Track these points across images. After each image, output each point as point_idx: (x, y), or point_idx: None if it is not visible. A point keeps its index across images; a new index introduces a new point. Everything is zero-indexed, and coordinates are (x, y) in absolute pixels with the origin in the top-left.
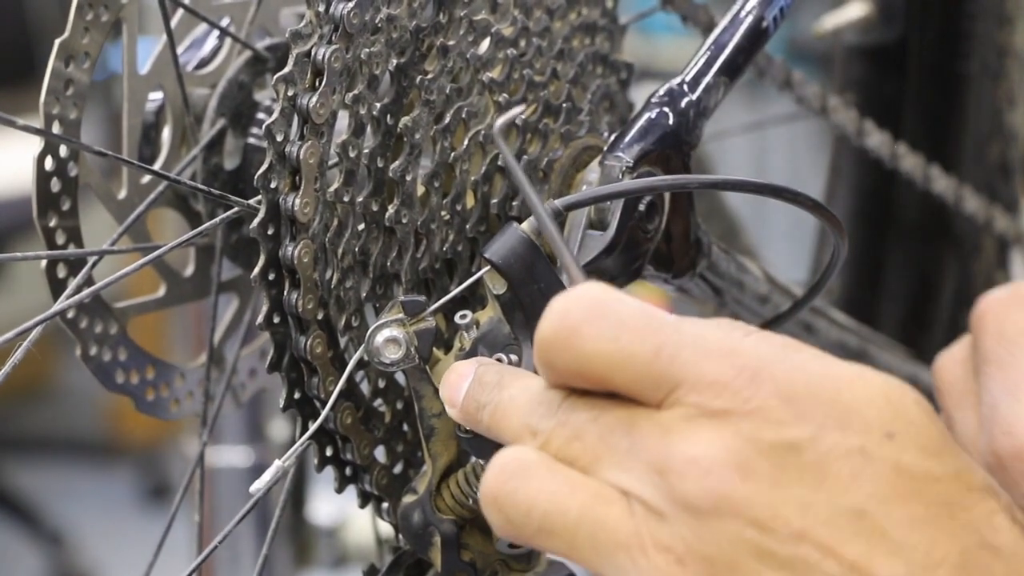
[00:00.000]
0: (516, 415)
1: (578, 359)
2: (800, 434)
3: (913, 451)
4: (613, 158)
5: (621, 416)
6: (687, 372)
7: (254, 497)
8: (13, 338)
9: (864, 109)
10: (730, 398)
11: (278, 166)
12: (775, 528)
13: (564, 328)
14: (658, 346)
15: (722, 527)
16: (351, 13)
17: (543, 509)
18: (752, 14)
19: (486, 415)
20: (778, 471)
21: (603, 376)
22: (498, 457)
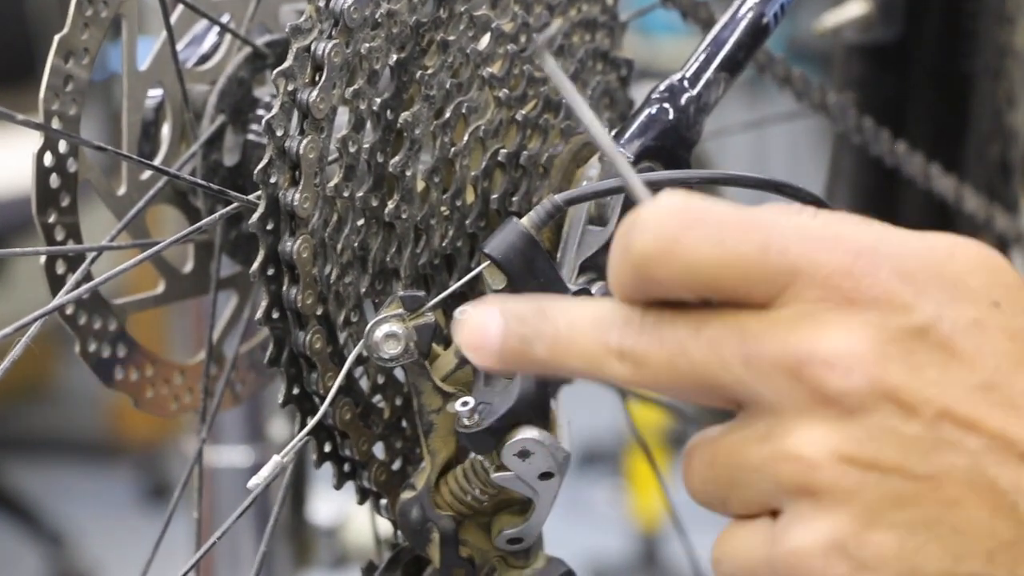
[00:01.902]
0: (587, 339)
1: (685, 268)
2: (922, 316)
3: (1020, 315)
4: None
5: (728, 322)
6: (801, 264)
7: (252, 493)
8: (12, 333)
9: (864, 108)
10: (852, 287)
11: (278, 161)
12: (921, 412)
13: (663, 239)
14: (764, 242)
15: (872, 421)
16: (351, 8)
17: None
18: (752, 10)
19: (542, 348)
20: (912, 356)
21: (711, 282)
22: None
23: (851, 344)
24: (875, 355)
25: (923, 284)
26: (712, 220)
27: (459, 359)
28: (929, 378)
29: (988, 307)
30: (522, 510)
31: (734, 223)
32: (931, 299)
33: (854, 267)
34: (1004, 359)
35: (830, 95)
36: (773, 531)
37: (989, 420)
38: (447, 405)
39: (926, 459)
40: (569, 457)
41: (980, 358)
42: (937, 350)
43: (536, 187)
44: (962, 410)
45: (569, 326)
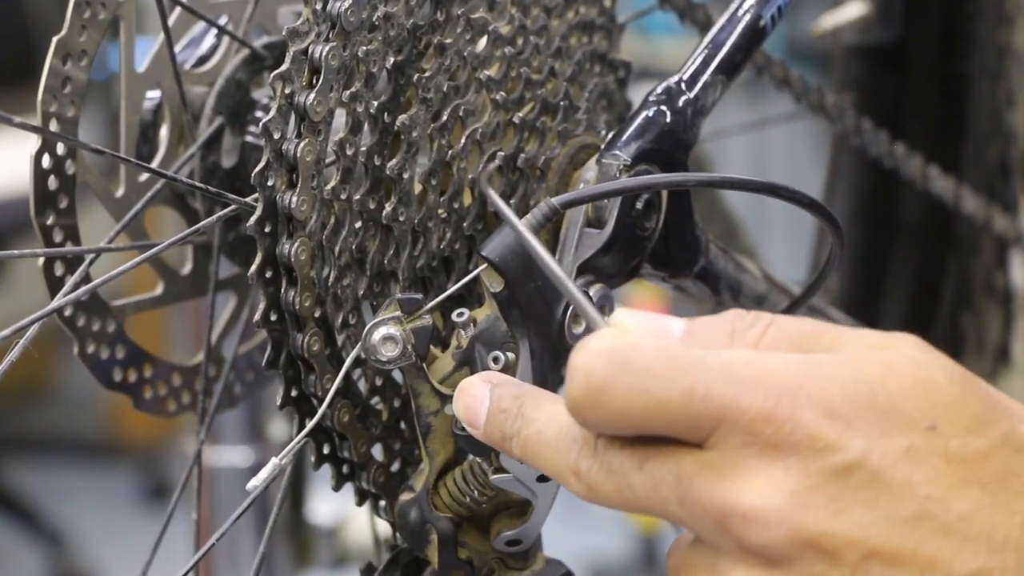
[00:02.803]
0: (551, 451)
1: (612, 416)
2: (849, 454)
3: (957, 436)
4: (611, 156)
5: (665, 460)
6: (724, 410)
7: (251, 495)
8: (10, 335)
9: (863, 109)
10: (774, 432)
11: (275, 164)
12: (845, 556)
13: (591, 389)
14: (689, 387)
15: (796, 570)
16: (348, 11)
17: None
18: (750, 13)
19: (516, 447)
20: (836, 499)
21: (640, 428)
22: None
23: (769, 496)
24: (794, 505)
25: (851, 419)
26: (638, 365)
27: (457, 361)
28: (854, 519)
29: (923, 432)
30: (521, 512)
31: (660, 368)
32: (859, 433)
33: (775, 412)
34: (938, 485)
35: (829, 96)
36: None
37: (921, 550)
38: (445, 407)
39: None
40: None
41: (912, 487)
42: (864, 487)
43: (533, 190)
44: (891, 546)
45: (538, 434)
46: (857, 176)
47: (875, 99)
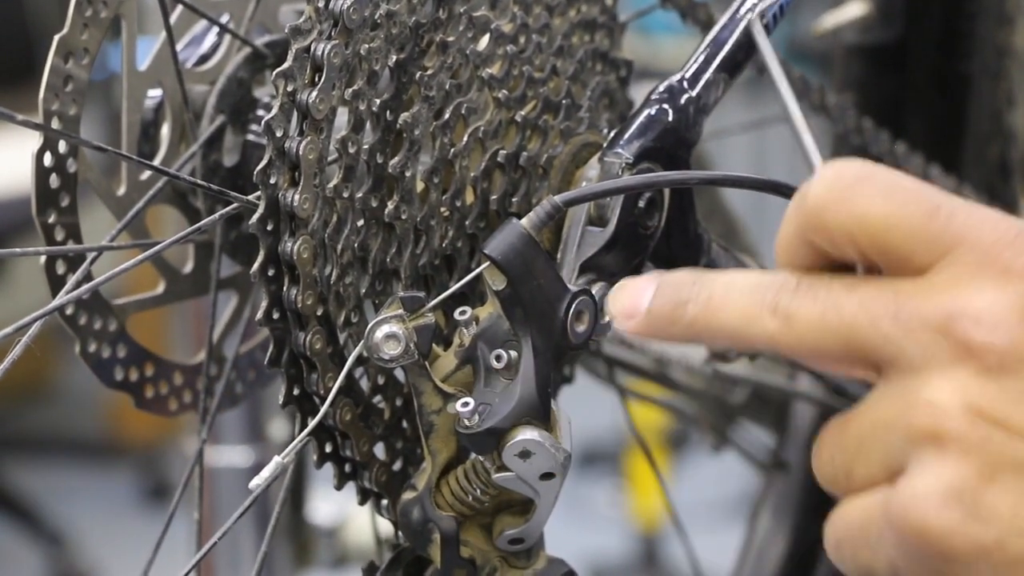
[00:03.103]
0: (743, 297)
1: (855, 219)
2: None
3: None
4: (613, 154)
5: (882, 283)
6: (966, 231)
7: (253, 493)
8: (12, 333)
9: (864, 108)
10: (1010, 259)
11: (277, 162)
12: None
13: (839, 188)
14: (934, 206)
15: (1009, 381)
16: (351, 9)
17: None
18: (751, 11)
19: (693, 308)
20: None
21: (878, 237)
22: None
23: (1000, 305)
24: (1021, 320)
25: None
26: (886, 180)
27: (459, 360)
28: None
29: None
30: (523, 510)
31: (907, 185)
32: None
33: (1015, 241)
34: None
35: (830, 96)
36: (892, 488)
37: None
38: (448, 406)
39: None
40: (570, 457)
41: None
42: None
43: (536, 188)
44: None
45: (726, 287)
46: None
47: (876, 99)
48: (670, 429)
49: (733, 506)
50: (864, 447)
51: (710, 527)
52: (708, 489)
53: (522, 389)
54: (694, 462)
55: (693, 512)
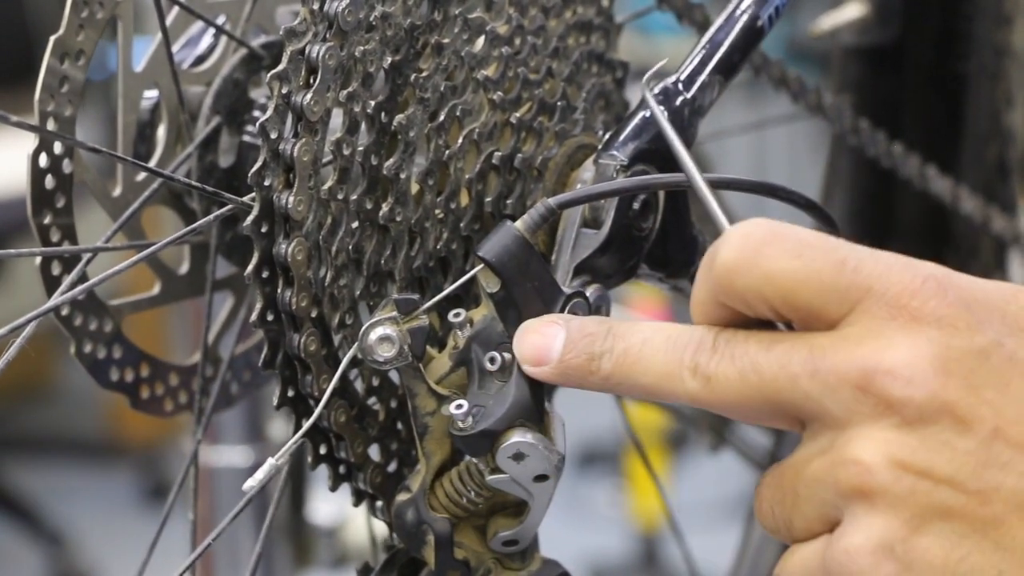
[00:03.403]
0: (661, 355)
1: (764, 279)
2: (984, 339)
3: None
4: (608, 156)
5: (797, 340)
6: (873, 281)
7: (247, 495)
8: (6, 334)
9: (861, 109)
10: (918, 306)
11: (272, 163)
12: (976, 428)
13: (748, 249)
14: (841, 259)
15: (929, 432)
16: (346, 11)
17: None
18: (747, 13)
19: (608, 363)
20: (971, 374)
21: (788, 294)
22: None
23: (914, 357)
24: (936, 369)
25: (986, 314)
26: (792, 237)
27: (453, 362)
28: (986, 397)
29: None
30: (517, 512)
31: (814, 240)
32: (992, 328)
33: (922, 288)
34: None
35: (827, 97)
36: (829, 540)
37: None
38: (442, 408)
39: (976, 475)
40: (563, 459)
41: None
42: (996, 372)
43: (530, 190)
44: (1015, 431)
45: (643, 343)
46: (855, 176)
47: (873, 99)
48: (669, 429)
49: (731, 506)
50: (800, 500)
51: (708, 527)
52: (706, 489)
53: (516, 391)
54: (693, 462)
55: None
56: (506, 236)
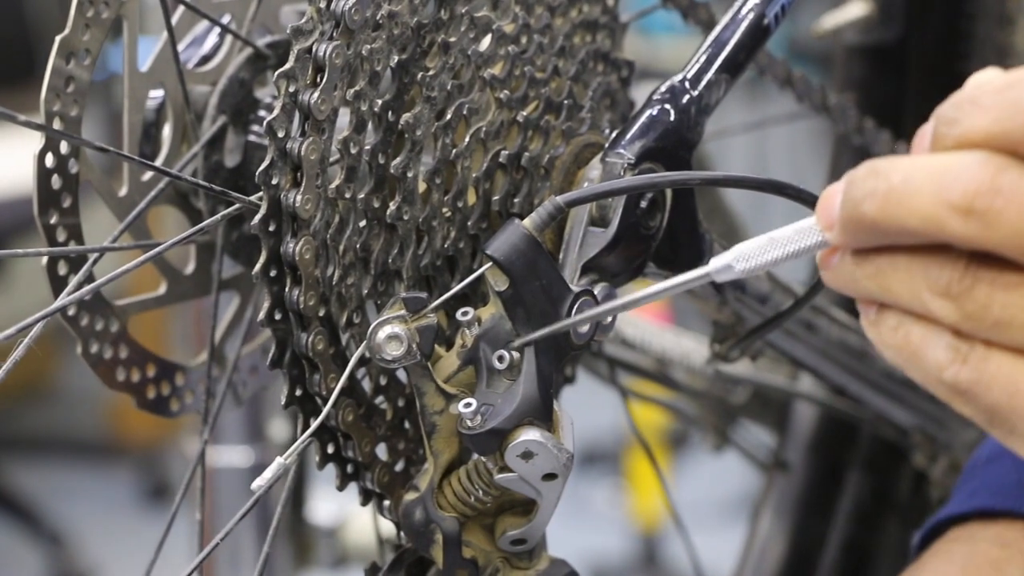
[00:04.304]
0: (925, 194)
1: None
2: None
3: None
4: (615, 155)
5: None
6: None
7: (255, 495)
8: (14, 335)
9: (865, 108)
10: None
11: (279, 163)
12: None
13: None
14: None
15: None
16: (352, 9)
17: (1000, 307)
18: (753, 12)
19: (872, 207)
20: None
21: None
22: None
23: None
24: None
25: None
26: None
27: (461, 361)
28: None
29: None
30: (525, 511)
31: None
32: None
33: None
34: None
35: (830, 96)
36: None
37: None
38: (450, 406)
39: None
40: (572, 458)
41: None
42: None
43: (538, 188)
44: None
45: (904, 181)
46: None
47: (876, 99)
48: (671, 429)
49: (733, 506)
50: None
51: (710, 527)
52: (708, 489)
53: (524, 390)
54: (694, 462)
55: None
56: (514, 234)
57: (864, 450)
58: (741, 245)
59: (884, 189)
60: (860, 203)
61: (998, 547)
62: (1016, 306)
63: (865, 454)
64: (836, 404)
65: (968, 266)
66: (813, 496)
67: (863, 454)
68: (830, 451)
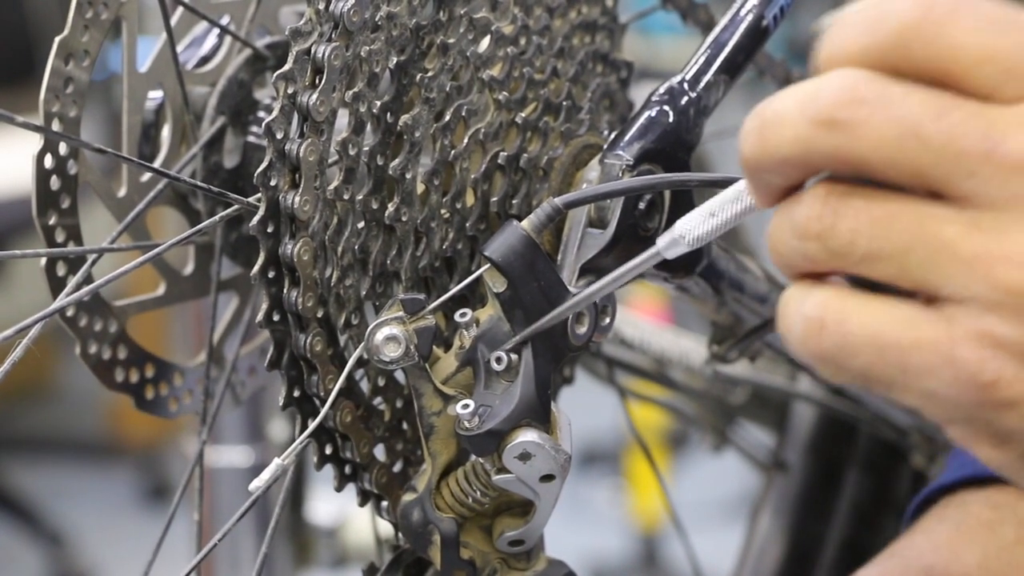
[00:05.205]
0: (791, 115)
1: (946, 48)
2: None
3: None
4: (613, 156)
5: (974, 112)
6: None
7: (254, 495)
8: (13, 335)
9: None
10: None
11: (278, 164)
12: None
13: (936, 13)
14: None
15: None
16: (351, 11)
17: (867, 238)
18: (752, 13)
19: (751, 144)
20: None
21: (968, 70)
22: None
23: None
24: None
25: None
26: (982, 8)
27: (459, 362)
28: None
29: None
30: (523, 512)
31: (1004, 17)
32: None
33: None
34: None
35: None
36: (945, 315)
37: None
38: (448, 407)
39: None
40: (570, 459)
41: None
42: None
43: (536, 190)
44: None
45: (774, 111)
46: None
47: None
48: (670, 429)
49: (733, 506)
50: (909, 257)
51: (710, 527)
52: (708, 489)
53: (522, 391)
54: (694, 462)
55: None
56: (512, 236)
57: (863, 450)
58: (682, 220)
59: (758, 125)
60: (744, 145)
61: (990, 509)
62: (883, 235)
63: (864, 454)
64: (835, 404)
65: (829, 196)
66: (812, 496)
67: (862, 454)
68: (829, 451)
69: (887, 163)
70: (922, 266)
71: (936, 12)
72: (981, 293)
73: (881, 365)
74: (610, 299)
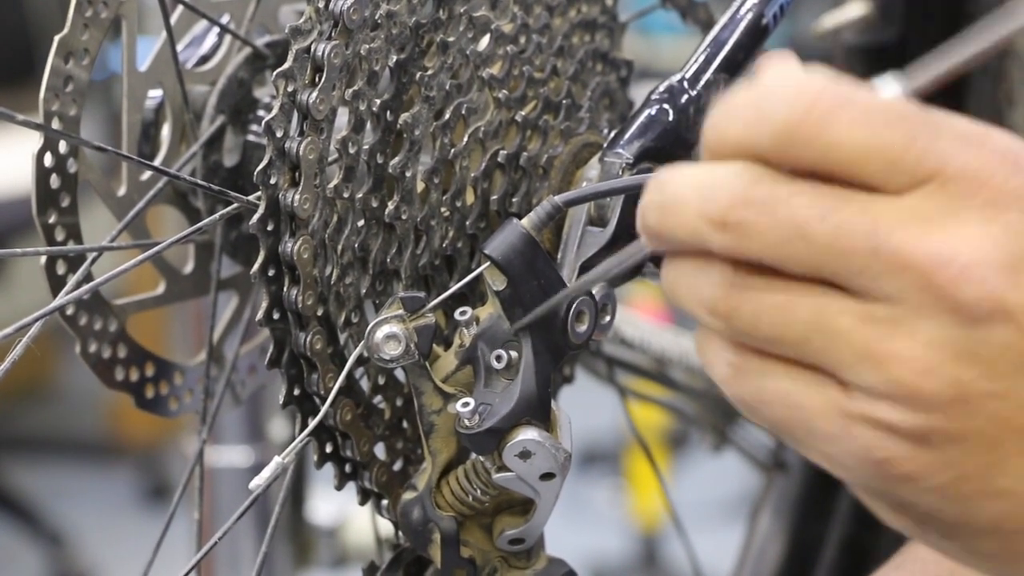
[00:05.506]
0: (689, 207)
1: (829, 147)
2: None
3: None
4: (613, 154)
5: (859, 208)
6: (947, 160)
7: (254, 494)
8: (12, 334)
9: None
10: (1002, 182)
11: (278, 162)
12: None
13: (816, 112)
14: (912, 134)
15: (991, 334)
16: (351, 9)
17: (768, 324)
18: (752, 11)
19: (653, 218)
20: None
21: (852, 166)
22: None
23: (987, 252)
24: (1011, 266)
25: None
26: (863, 104)
27: (459, 360)
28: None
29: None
30: (523, 511)
31: (885, 110)
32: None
33: (1005, 163)
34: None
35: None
36: (846, 391)
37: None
38: (448, 406)
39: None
40: (570, 457)
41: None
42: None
43: (536, 188)
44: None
45: (673, 194)
46: None
47: None
48: (670, 429)
49: (733, 506)
50: (808, 346)
51: (710, 527)
52: (708, 489)
53: (522, 389)
54: (694, 462)
55: (693, 512)
56: (512, 234)
57: None
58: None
59: (659, 201)
60: (645, 213)
61: None
62: (783, 323)
63: None
64: None
65: (733, 284)
66: (812, 496)
67: None
68: None
69: (779, 262)
70: (820, 353)
71: (817, 111)
72: (874, 384)
73: (790, 422)
74: (610, 297)
